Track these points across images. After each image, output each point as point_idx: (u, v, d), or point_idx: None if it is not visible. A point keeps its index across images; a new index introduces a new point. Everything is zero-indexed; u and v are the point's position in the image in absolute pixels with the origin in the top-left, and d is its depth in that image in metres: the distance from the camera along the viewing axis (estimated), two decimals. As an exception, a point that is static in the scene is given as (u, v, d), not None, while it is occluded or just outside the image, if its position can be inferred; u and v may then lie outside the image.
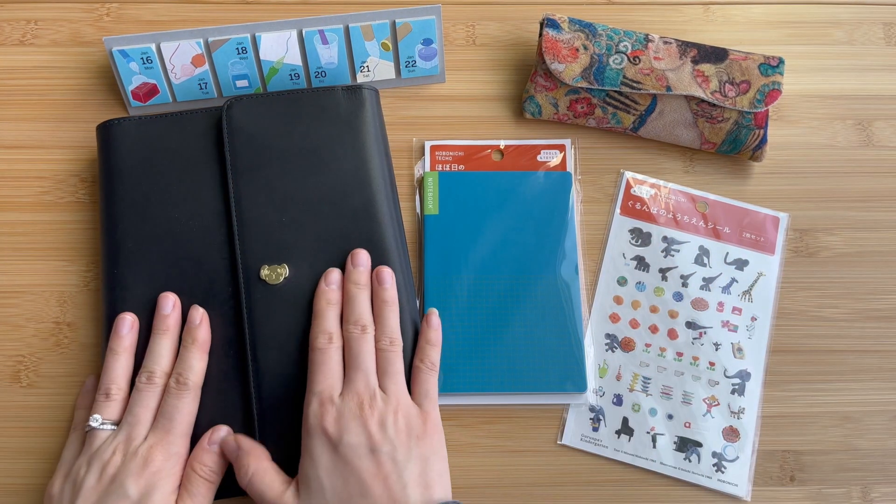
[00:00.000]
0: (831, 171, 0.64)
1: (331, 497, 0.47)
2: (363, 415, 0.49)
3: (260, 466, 0.50)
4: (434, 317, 0.55)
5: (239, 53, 0.61)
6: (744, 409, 0.58)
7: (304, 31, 0.61)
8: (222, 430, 0.52)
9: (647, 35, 0.61)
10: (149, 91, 0.63)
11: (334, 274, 0.54)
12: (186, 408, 0.51)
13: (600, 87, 0.60)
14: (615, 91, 0.61)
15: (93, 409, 0.51)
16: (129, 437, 0.50)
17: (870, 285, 0.61)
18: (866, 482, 0.56)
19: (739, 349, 0.59)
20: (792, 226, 0.62)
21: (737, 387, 0.58)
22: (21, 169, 0.62)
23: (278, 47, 0.62)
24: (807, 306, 0.60)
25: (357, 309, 0.53)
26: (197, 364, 0.52)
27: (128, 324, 0.53)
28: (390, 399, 0.50)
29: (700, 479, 0.56)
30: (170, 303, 0.54)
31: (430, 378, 0.52)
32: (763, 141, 0.62)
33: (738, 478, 0.56)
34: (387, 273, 0.54)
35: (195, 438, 0.52)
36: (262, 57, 0.62)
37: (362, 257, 0.54)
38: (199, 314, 0.53)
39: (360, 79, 0.64)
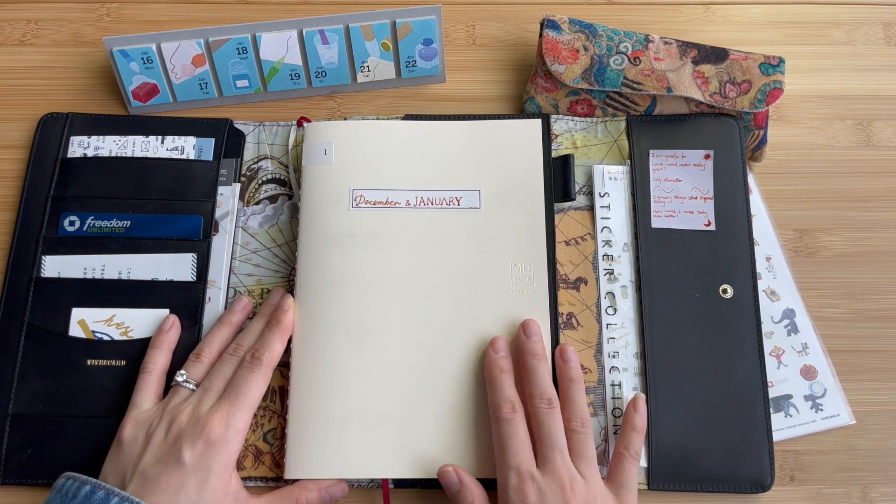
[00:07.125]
0: (831, 171, 0.64)
1: None
2: (566, 498, 0.47)
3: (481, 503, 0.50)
4: (641, 403, 0.53)
5: (239, 53, 0.61)
6: (806, 344, 0.58)
7: (304, 31, 0.61)
8: (338, 488, 0.52)
9: (647, 35, 0.61)
10: (149, 91, 0.63)
11: (501, 341, 0.53)
12: (256, 383, 0.51)
13: (601, 89, 0.60)
14: (615, 92, 0.61)
15: (184, 366, 0.53)
16: (200, 400, 0.51)
17: (869, 285, 0.61)
18: (866, 482, 0.56)
19: (772, 292, 0.59)
20: (792, 226, 0.62)
21: (788, 327, 0.59)
22: (21, 169, 0.62)
23: (278, 47, 0.62)
24: (807, 306, 0.60)
25: (541, 382, 0.52)
26: (276, 345, 0.53)
27: (243, 304, 0.57)
28: (589, 485, 0.49)
29: (808, 427, 0.56)
30: (279, 296, 0.56)
31: (633, 468, 0.51)
32: (763, 142, 0.62)
33: (839, 407, 0.57)
34: (571, 351, 0.54)
35: None
36: (262, 57, 0.62)
37: (535, 327, 0.54)
38: (289, 302, 0.55)
39: (361, 79, 0.64)
